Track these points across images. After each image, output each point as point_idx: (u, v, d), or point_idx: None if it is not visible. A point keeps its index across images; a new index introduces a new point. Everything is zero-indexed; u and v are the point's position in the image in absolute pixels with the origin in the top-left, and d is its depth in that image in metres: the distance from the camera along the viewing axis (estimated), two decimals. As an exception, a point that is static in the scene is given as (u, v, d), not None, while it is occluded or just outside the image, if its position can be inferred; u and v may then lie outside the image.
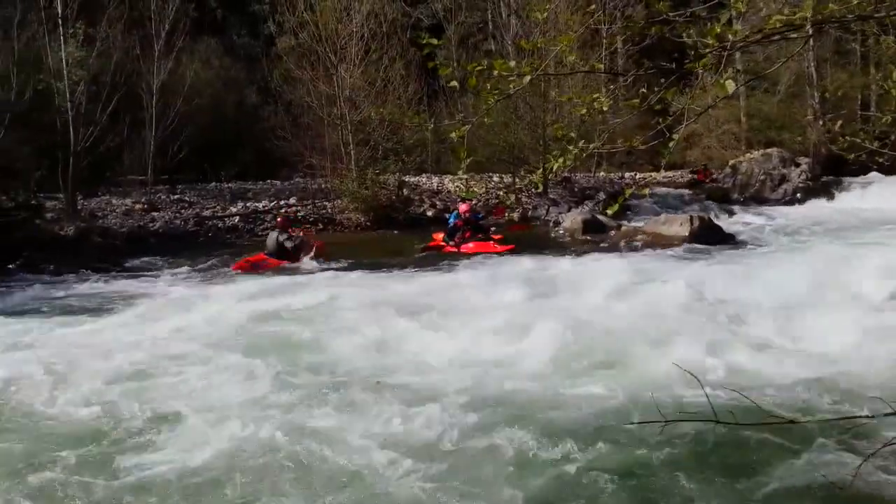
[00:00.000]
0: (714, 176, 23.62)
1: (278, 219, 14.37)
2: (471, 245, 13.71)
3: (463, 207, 14.66)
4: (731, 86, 2.56)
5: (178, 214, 18.14)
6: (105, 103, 17.21)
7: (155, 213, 18.05)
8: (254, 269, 12.39)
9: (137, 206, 18.54)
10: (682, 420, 4.16)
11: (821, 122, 22.94)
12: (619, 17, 22.38)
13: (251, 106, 28.16)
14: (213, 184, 23.33)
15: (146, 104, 19.45)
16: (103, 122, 17.34)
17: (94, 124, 16.97)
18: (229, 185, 22.85)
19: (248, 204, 19.65)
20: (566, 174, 21.74)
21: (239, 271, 12.15)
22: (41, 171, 16.16)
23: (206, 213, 18.49)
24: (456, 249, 13.77)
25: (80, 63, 17.04)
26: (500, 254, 12.95)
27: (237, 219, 17.96)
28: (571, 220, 16.37)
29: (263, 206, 19.24)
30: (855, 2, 2.55)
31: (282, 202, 19.84)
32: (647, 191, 10.89)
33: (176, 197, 20.48)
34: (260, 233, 17.15)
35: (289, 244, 12.81)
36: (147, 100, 19.44)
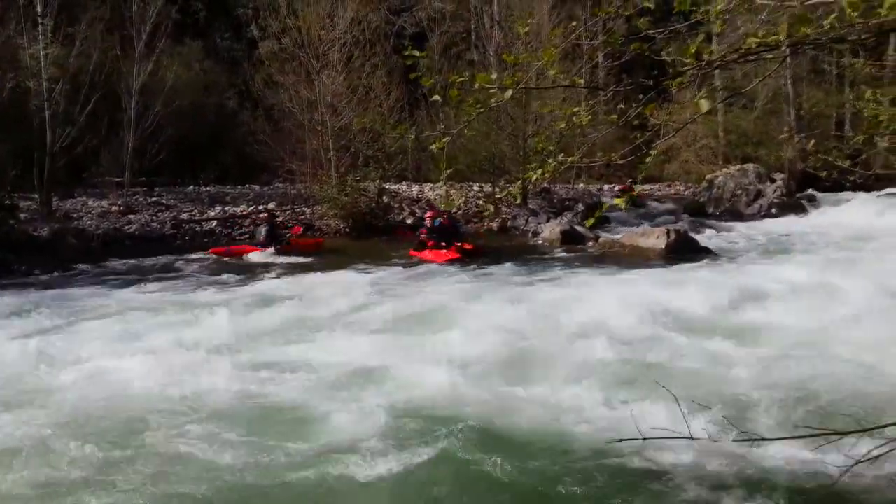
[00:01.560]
0: (637, 192, 22.93)
1: (263, 214, 16.08)
2: (428, 254, 13.90)
3: (427, 215, 15.02)
4: (705, 104, 2.61)
5: (154, 217, 17.98)
6: (83, 103, 17.05)
7: (131, 216, 17.87)
8: (228, 254, 14.40)
9: (114, 208, 18.36)
10: (659, 438, 4.21)
11: (796, 140, 23.31)
12: (600, 32, 22.59)
13: (232, 109, 28.02)
14: (192, 187, 23.19)
15: (125, 105, 19.30)
16: (81, 123, 17.17)
17: (72, 124, 16.80)
18: (208, 188, 22.73)
19: (226, 208, 19.53)
20: (546, 185, 21.88)
21: (216, 255, 14.18)
22: (16, 171, 15.94)
23: (184, 216, 18.35)
24: (418, 255, 14.02)
25: (57, 62, 16.87)
26: (451, 261, 13.18)
27: (215, 223, 17.83)
28: (550, 230, 16.46)
29: (242, 211, 19.14)
30: (827, 25, 2.61)
31: (261, 207, 19.75)
32: (620, 201, 10.88)
33: (153, 199, 20.32)
34: (238, 237, 17.09)
35: (268, 233, 14.66)
36: (126, 101, 19.30)
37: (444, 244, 13.98)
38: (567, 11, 20.97)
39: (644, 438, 3.64)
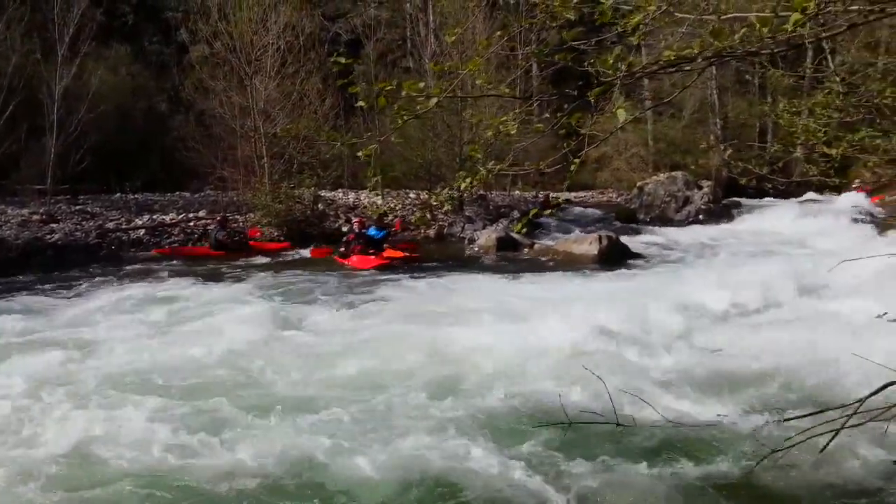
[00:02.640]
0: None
1: (217, 217, 16.70)
2: (354, 259, 13.93)
3: (356, 221, 15.20)
4: (622, 114, 2.67)
5: (79, 226, 17.33)
6: (1, 108, 16.33)
7: (54, 225, 17.17)
8: (174, 252, 15.25)
9: (35, 217, 17.61)
10: (585, 423, 4.31)
11: (723, 148, 24.16)
12: (534, 41, 22.97)
13: (161, 115, 27.32)
14: (118, 195, 22.47)
15: (47, 110, 18.56)
16: (-1, 128, 16.45)
17: (-11, 130, 16.09)
18: (135, 196, 22.06)
19: (154, 216, 18.97)
20: (482, 192, 22.04)
21: (158, 254, 15.20)
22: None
23: (110, 225, 17.74)
24: (344, 262, 14.03)
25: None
26: (379, 268, 13.32)
27: (143, 232, 17.30)
28: (486, 237, 16.59)
29: (171, 219, 18.63)
30: (738, 40, 2.71)
31: (190, 215, 19.27)
32: (550, 211, 11.18)
33: (77, 208, 19.58)
34: (168, 246, 16.65)
35: (223, 237, 15.50)
36: (48, 106, 18.55)
37: (371, 251, 14.01)
38: (501, 21, 21.20)
39: (570, 423, 3.72)
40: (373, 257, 13.80)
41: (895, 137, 4.76)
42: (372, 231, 14.62)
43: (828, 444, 3.61)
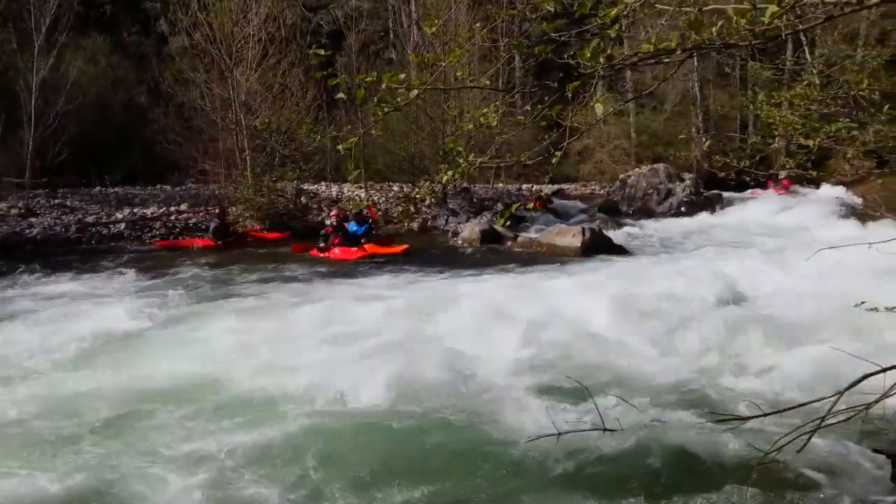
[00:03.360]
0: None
1: (217, 210, 16.93)
2: (336, 251, 13.98)
3: (333, 213, 15.18)
4: (599, 108, 2.68)
5: (58, 220, 17.14)
6: (-24, 100, 16.08)
7: (33, 219, 16.98)
8: (174, 245, 15.59)
9: (13, 211, 17.40)
10: (574, 431, 4.30)
11: (705, 140, 24.29)
12: (516, 33, 22.97)
13: (140, 107, 26.97)
14: (98, 188, 22.22)
15: (24, 102, 18.29)
16: (-27, 120, 16.19)
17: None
18: (115, 189, 21.82)
19: (135, 210, 18.80)
20: (465, 185, 22.02)
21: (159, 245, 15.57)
22: None
23: (90, 218, 17.56)
24: (323, 255, 14.02)
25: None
26: (358, 261, 13.44)
27: (123, 225, 17.15)
28: (470, 230, 16.58)
29: (152, 213, 18.46)
30: (715, 32, 2.71)
31: (172, 208, 19.10)
32: (531, 205, 11.23)
33: (57, 201, 19.35)
34: (147, 241, 16.54)
35: (216, 227, 15.61)
36: (25, 97, 18.29)
37: (349, 244, 14.09)
38: (484, 13, 21.13)
39: (560, 434, 3.72)
40: (355, 249, 13.81)
41: (871, 129, 4.82)
42: (352, 227, 14.57)
43: (809, 439, 3.64)
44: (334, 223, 14.58)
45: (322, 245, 14.32)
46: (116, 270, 12.33)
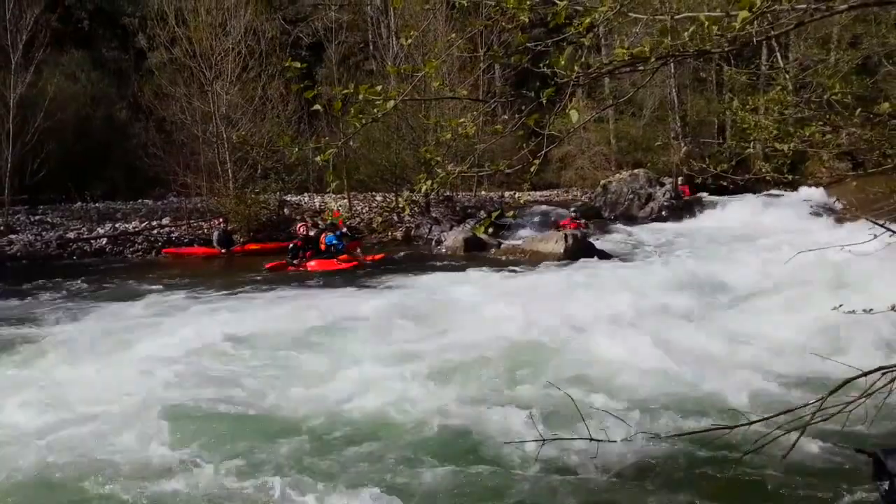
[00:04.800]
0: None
1: (218, 220, 17.43)
2: (312, 263, 14.04)
3: (300, 225, 15.32)
4: (574, 115, 2.70)
5: (38, 237, 16.99)
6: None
7: (13, 236, 16.82)
8: (178, 256, 16.11)
9: (-8, 228, 17.22)
10: (558, 439, 4.30)
11: (682, 147, 24.52)
12: (494, 43, 23.06)
13: (121, 122, 26.75)
14: (79, 203, 22.00)
15: (2, 119, 18.12)
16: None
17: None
18: (96, 204, 21.61)
19: (116, 225, 18.65)
20: (448, 193, 22.04)
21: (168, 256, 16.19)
22: None
23: (71, 234, 17.42)
24: (296, 269, 14.00)
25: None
26: (342, 271, 13.52)
27: (105, 241, 17.02)
28: (453, 238, 16.63)
29: (134, 228, 18.33)
30: (687, 38, 2.76)
31: (153, 223, 18.97)
32: (511, 213, 11.25)
33: (37, 218, 19.15)
34: (130, 255, 16.44)
35: (220, 237, 16.37)
36: (3, 114, 18.11)
37: (326, 256, 14.13)
38: (462, 23, 21.22)
39: (544, 440, 3.72)
40: (333, 260, 13.83)
41: (845, 132, 4.89)
42: (329, 238, 14.48)
43: (795, 443, 3.67)
44: (303, 234, 14.60)
45: (295, 261, 14.24)
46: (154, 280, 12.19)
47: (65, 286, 12.35)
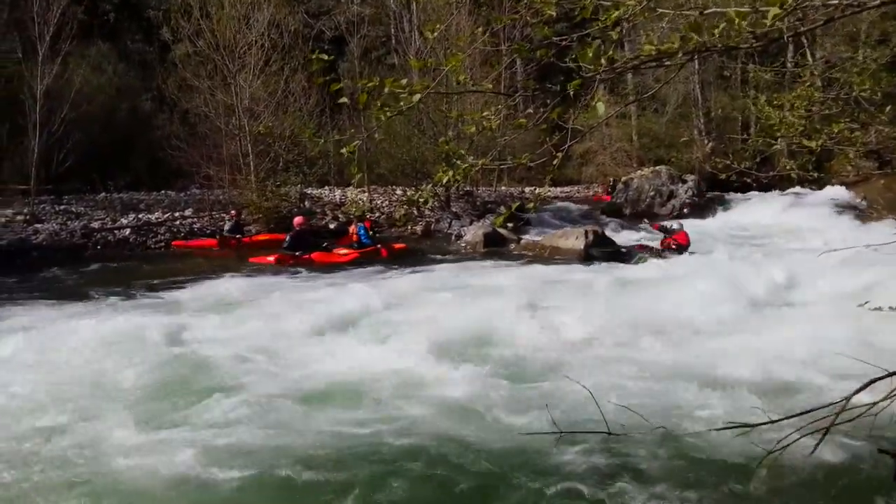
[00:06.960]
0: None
1: (233, 211, 17.45)
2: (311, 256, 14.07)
3: (297, 220, 15.10)
4: (601, 108, 2.70)
5: (63, 226, 17.21)
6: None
7: (38, 225, 17.05)
8: (187, 246, 16.17)
9: (19, 218, 17.46)
10: (576, 432, 4.28)
11: (706, 143, 24.31)
12: (517, 37, 22.99)
13: (145, 114, 27.07)
14: (103, 194, 22.29)
15: (29, 110, 18.38)
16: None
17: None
18: (120, 195, 21.88)
19: (140, 215, 18.86)
20: (468, 188, 22.06)
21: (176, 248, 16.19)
22: None
23: (95, 224, 17.63)
24: (293, 261, 13.82)
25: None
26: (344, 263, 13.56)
27: (128, 231, 17.21)
28: (473, 233, 16.62)
29: (157, 218, 18.53)
30: (717, 34, 2.74)
31: (176, 214, 19.17)
32: (532, 205, 11.23)
33: (62, 208, 19.42)
34: (153, 245, 16.63)
35: (232, 228, 16.45)
36: (30, 105, 18.38)
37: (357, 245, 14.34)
38: (485, 17, 21.17)
39: (561, 433, 3.70)
40: (325, 253, 13.97)
41: (873, 129, 4.83)
42: (361, 228, 14.65)
43: (819, 443, 3.64)
44: (297, 231, 14.50)
45: (297, 252, 14.02)
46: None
47: (89, 274, 12.53)
